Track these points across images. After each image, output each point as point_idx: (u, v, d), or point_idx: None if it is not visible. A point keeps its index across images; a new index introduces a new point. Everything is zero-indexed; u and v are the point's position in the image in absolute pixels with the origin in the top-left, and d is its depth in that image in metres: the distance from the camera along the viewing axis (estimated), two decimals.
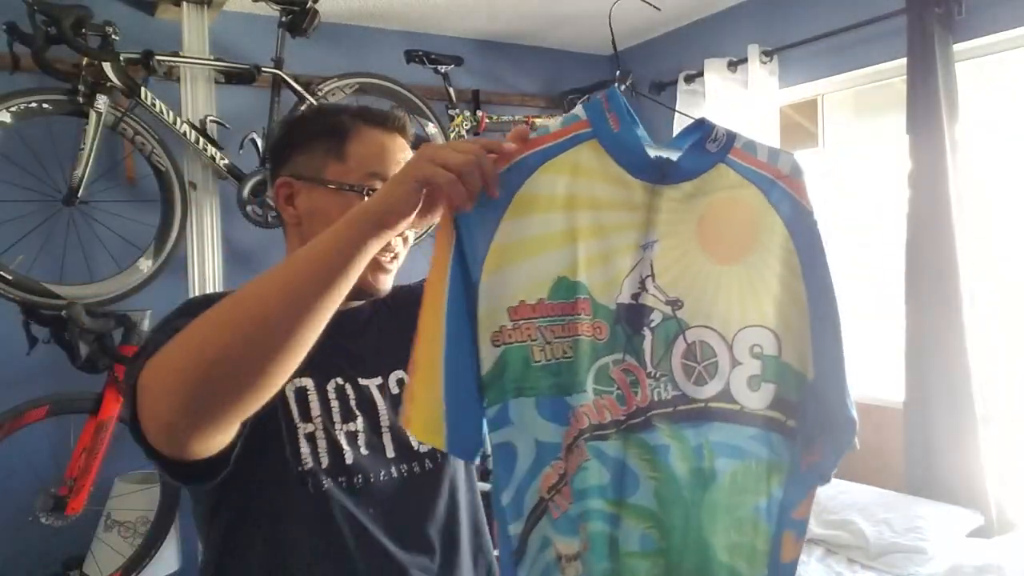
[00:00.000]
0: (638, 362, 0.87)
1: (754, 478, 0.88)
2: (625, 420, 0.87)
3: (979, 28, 2.54)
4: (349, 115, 1.06)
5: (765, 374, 0.88)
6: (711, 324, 0.87)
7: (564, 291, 0.85)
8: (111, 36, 2.43)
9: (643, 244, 0.86)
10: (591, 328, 0.86)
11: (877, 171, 3.18)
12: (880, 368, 3.04)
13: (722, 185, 0.87)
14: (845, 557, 2.41)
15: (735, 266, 0.87)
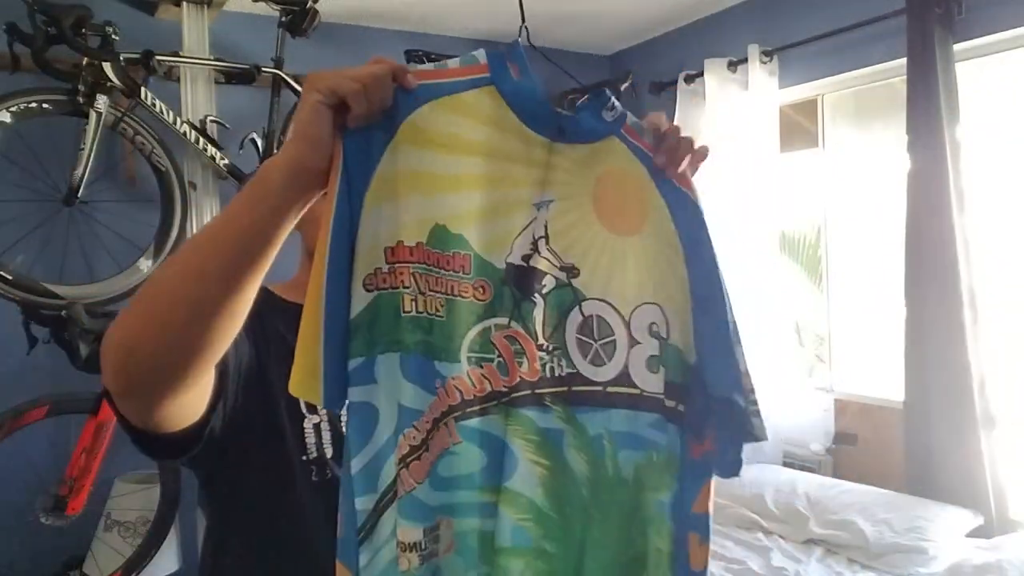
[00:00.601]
0: (527, 331, 0.79)
1: (657, 471, 0.82)
2: (508, 393, 0.78)
3: (979, 28, 2.54)
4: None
5: (663, 356, 0.82)
6: (608, 298, 0.81)
7: (440, 241, 0.76)
8: (111, 36, 2.44)
9: (537, 202, 0.80)
10: (471, 288, 0.77)
11: (877, 171, 3.18)
12: (880, 368, 3.04)
13: (615, 157, 0.82)
14: (845, 557, 2.41)
15: (630, 238, 0.82)
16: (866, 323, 3.21)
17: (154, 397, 0.76)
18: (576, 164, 0.81)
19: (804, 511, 2.60)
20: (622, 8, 3.34)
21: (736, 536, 2.59)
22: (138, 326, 0.72)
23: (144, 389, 0.75)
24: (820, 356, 3.86)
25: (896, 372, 2.73)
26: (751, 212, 3.12)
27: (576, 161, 0.81)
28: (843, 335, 3.25)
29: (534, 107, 0.80)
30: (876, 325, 3.12)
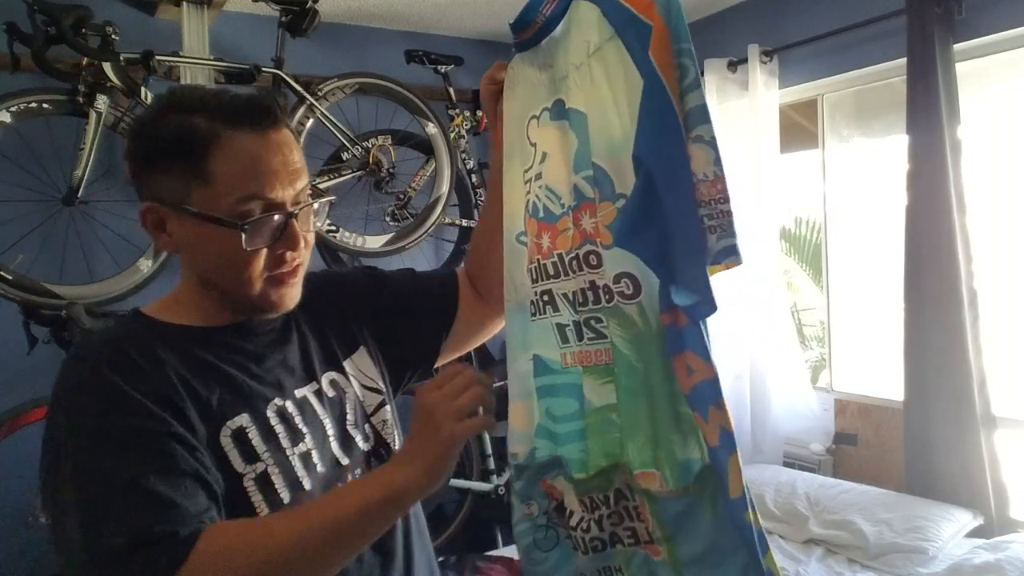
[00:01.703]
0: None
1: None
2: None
3: (979, 28, 2.54)
4: (206, 117, 0.86)
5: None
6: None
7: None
8: (111, 36, 2.43)
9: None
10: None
11: (877, 171, 3.18)
12: (880, 367, 3.04)
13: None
14: (845, 557, 2.41)
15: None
16: (866, 323, 3.21)
17: None
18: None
19: (804, 511, 2.60)
20: None
21: None
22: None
23: None
24: (821, 356, 3.86)
25: (896, 372, 2.74)
26: (751, 213, 3.12)
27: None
28: (843, 335, 3.25)
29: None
30: (876, 325, 3.12)
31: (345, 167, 2.97)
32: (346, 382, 1.02)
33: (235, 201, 0.85)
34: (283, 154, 0.88)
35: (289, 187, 0.88)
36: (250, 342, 0.94)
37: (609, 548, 0.95)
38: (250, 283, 0.89)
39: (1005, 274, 2.78)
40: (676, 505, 0.88)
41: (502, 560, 2.51)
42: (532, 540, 1.00)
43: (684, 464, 0.87)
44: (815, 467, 3.07)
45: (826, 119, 3.19)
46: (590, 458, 0.93)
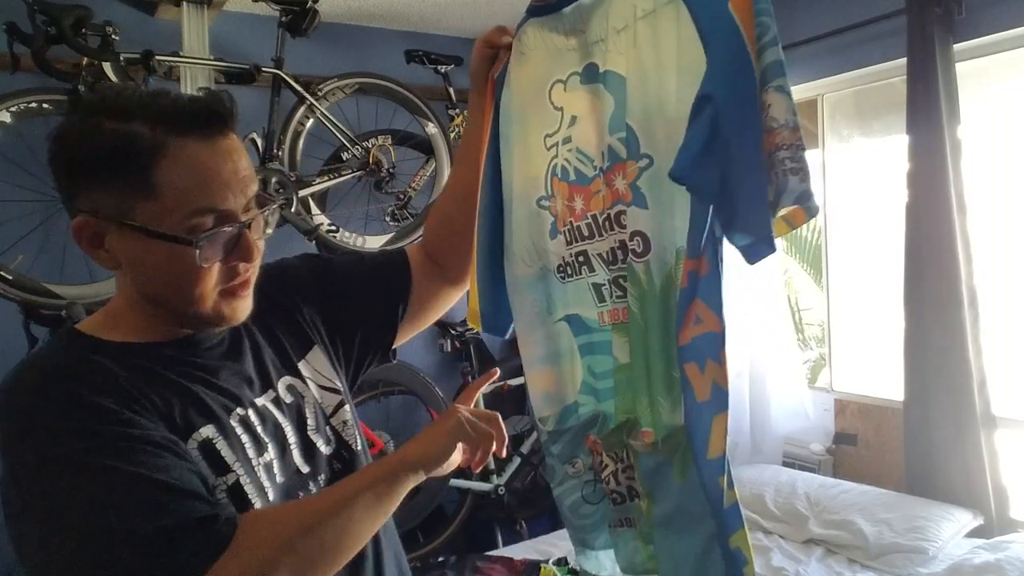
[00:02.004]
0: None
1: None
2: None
3: (979, 28, 2.54)
4: (147, 124, 0.79)
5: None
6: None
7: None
8: (111, 36, 2.43)
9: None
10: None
11: (877, 171, 3.18)
12: (880, 367, 3.04)
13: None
14: (845, 557, 2.41)
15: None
16: (866, 323, 3.21)
17: None
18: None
19: (804, 511, 2.60)
20: None
21: None
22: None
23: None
24: (821, 355, 3.86)
25: (896, 372, 2.73)
26: None
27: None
28: (843, 335, 3.25)
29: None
30: (876, 325, 3.12)
31: (345, 167, 2.97)
32: (303, 386, 0.99)
33: (186, 215, 0.80)
34: (233, 161, 0.83)
35: (241, 195, 0.83)
36: (200, 356, 0.89)
37: (628, 501, 1.00)
38: (202, 299, 0.84)
39: (1005, 274, 2.78)
40: (649, 461, 0.92)
41: (502, 560, 2.51)
42: (580, 496, 1.04)
43: (664, 425, 0.90)
44: (815, 467, 3.07)
45: (826, 119, 3.19)
46: (617, 413, 0.98)
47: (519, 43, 1.04)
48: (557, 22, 1.00)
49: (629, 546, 1.02)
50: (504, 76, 1.06)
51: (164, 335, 0.88)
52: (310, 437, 0.96)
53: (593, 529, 1.07)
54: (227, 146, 0.83)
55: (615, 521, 1.03)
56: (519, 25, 1.05)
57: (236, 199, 0.83)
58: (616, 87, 0.93)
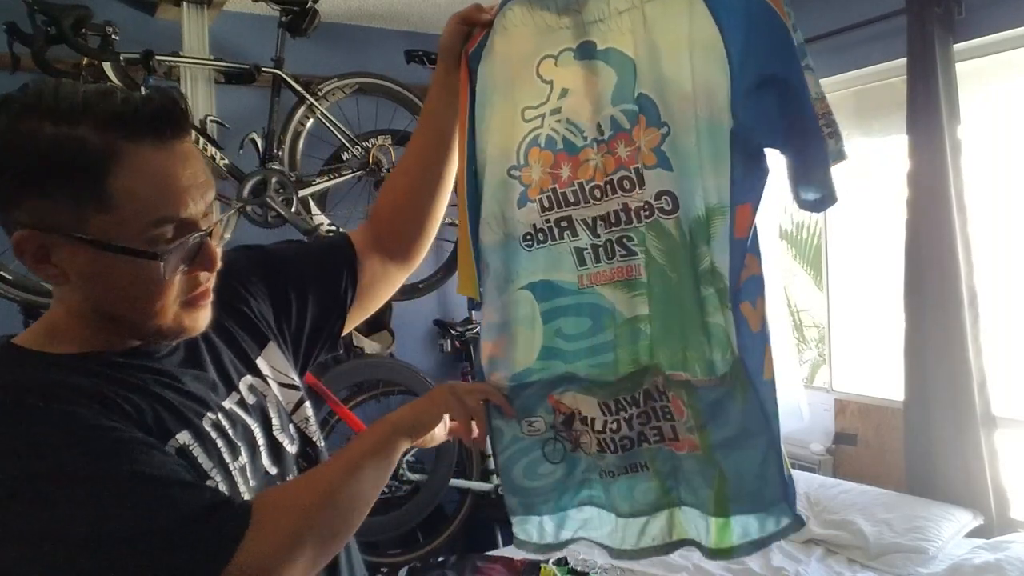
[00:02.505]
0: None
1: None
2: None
3: (979, 28, 2.54)
4: (95, 128, 0.73)
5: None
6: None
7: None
8: (111, 36, 2.43)
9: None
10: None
11: (876, 171, 3.18)
12: (880, 367, 3.04)
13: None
14: (845, 557, 2.41)
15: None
16: (866, 323, 3.21)
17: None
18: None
19: (804, 511, 2.60)
20: None
21: None
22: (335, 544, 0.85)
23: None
24: (820, 355, 3.86)
25: (896, 372, 2.74)
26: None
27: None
28: (843, 335, 3.25)
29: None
30: (876, 325, 3.12)
31: (345, 167, 2.97)
32: (264, 385, 0.96)
33: (145, 226, 0.75)
34: (192, 166, 0.78)
35: (201, 201, 0.78)
36: (159, 363, 0.85)
37: (637, 446, 1.07)
38: (163, 312, 0.79)
39: (1005, 274, 2.78)
40: (712, 394, 0.99)
41: (502, 560, 2.50)
42: (541, 453, 1.10)
43: (710, 362, 0.98)
44: (815, 467, 3.07)
45: None
46: (619, 365, 1.04)
47: (503, 19, 1.07)
48: (548, 2, 1.05)
49: (640, 488, 1.08)
50: (481, 51, 1.10)
51: (114, 345, 0.82)
52: (276, 437, 0.94)
53: (551, 490, 1.12)
54: (183, 150, 0.77)
55: (613, 470, 1.08)
56: (501, 3, 1.08)
57: (196, 206, 0.78)
58: (620, 63, 1.00)
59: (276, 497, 0.81)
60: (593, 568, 2.40)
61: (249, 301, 1.00)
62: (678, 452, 1.05)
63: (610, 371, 1.05)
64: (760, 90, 0.94)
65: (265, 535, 0.75)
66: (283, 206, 2.75)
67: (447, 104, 1.12)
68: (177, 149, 0.77)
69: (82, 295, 0.79)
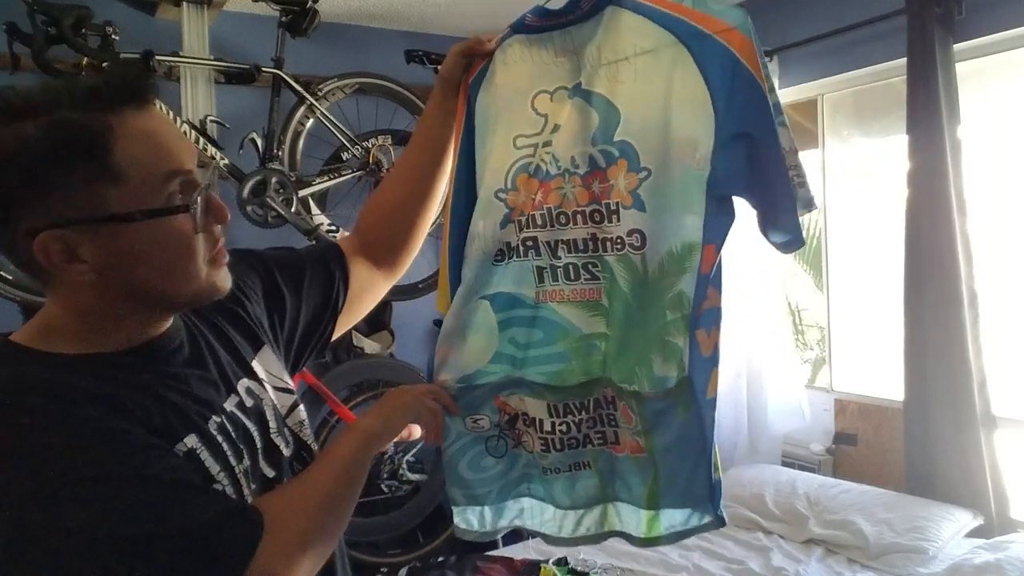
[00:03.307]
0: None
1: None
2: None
3: (979, 28, 2.54)
4: (75, 109, 0.73)
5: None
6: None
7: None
8: (111, 36, 2.43)
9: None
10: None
11: (877, 171, 3.18)
12: (880, 367, 3.04)
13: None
14: (845, 557, 2.41)
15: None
16: (866, 323, 3.21)
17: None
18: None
19: (804, 511, 2.60)
20: None
21: (736, 536, 2.60)
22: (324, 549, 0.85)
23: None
24: (821, 356, 3.86)
25: (896, 372, 2.74)
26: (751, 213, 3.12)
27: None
28: (843, 335, 3.25)
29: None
30: (876, 325, 3.12)
31: (345, 167, 2.97)
32: (260, 388, 0.96)
33: (158, 186, 0.76)
34: (172, 125, 0.81)
35: (192, 155, 0.81)
36: (164, 363, 0.84)
37: (581, 447, 1.18)
38: (196, 273, 0.81)
39: (1005, 274, 2.78)
40: (658, 404, 1.10)
41: (502, 560, 2.51)
42: (484, 448, 1.20)
43: (660, 378, 1.09)
44: (815, 467, 3.07)
45: (826, 119, 3.19)
46: (571, 374, 1.15)
47: (503, 53, 1.17)
48: (546, 42, 1.14)
49: (580, 484, 1.20)
50: (481, 80, 1.18)
51: (116, 345, 0.81)
52: (273, 440, 0.94)
53: (491, 483, 1.22)
54: (159, 112, 0.80)
55: (557, 467, 1.20)
56: (502, 38, 1.17)
57: (191, 160, 0.81)
58: (602, 107, 1.10)
59: (283, 503, 0.83)
60: (593, 568, 2.40)
61: (244, 304, 1.00)
62: (617, 455, 1.17)
63: (560, 379, 1.15)
64: (735, 144, 1.04)
65: (278, 541, 0.77)
66: (283, 206, 2.75)
67: (443, 125, 1.18)
68: (154, 111, 0.79)
69: (104, 288, 0.78)
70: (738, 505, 2.73)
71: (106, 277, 0.77)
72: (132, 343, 0.83)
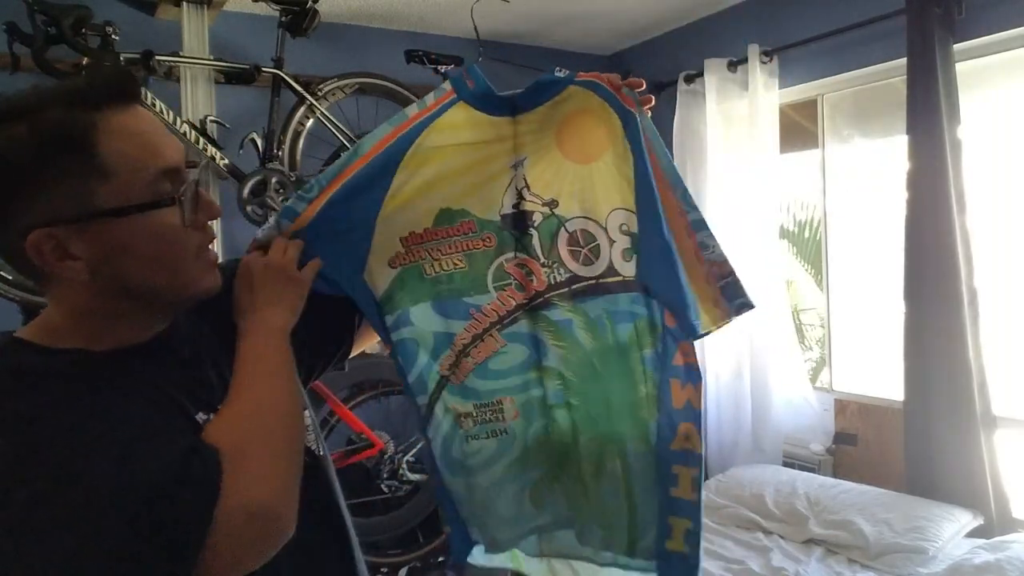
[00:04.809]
0: (530, 256, 1.12)
1: (643, 334, 1.10)
2: (528, 303, 1.12)
3: (979, 28, 2.54)
4: (61, 108, 0.75)
5: (633, 247, 1.10)
6: (586, 214, 1.10)
7: (447, 218, 1.11)
8: (111, 36, 2.43)
9: (513, 164, 1.11)
10: (480, 241, 1.12)
11: (876, 171, 3.18)
12: (880, 367, 3.04)
13: (573, 101, 1.09)
14: (845, 557, 2.41)
15: (595, 163, 1.10)
16: (866, 323, 3.21)
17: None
18: (538, 124, 1.10)
19: (804, 511, 2.60)
20: (622, 8, 3.34)
21: (736, 536, 2.60)
22: (289, 493, 0.80)
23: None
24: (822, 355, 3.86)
25: (896, 372, 2.73)
26: (751, 213, 3.12)
27: (537, 122, 1.10)
28: (843, 335, 3.25)
29: (490, 100, 1.10)
30: (876, 325, 3.12)
31: None
32: None
33: (147, 181, 0.78)
34: (156, 123, 0.81)
35: (178, 152, 0.82)
36: (157, 362, 0.84)
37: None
38: (186, 270, 0.83)
39: (1005, 274, 2.78)
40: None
41: None
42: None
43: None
44: (815, 467, 3.07)
45: (826, 119, 3.19)
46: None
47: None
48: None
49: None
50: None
51: (112, 344, 0.82)
52: None
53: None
54: (143, 111, 0.81)
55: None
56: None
57: (178, 155, 0.82)
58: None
59: (234, 428, 0.80)
60: None
61: None
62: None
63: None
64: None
65: (243, 464, 0.75)
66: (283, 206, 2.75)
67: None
68: (139, 110, 0.80)
69: (99, 288, 0.79)
70: (738, 505, 2.73)
71: (99, 274, 0.78)
72: (128, 343, 0.83)
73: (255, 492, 0.75)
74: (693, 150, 3.36)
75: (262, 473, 0.77)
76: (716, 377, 3.33)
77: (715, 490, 2.86)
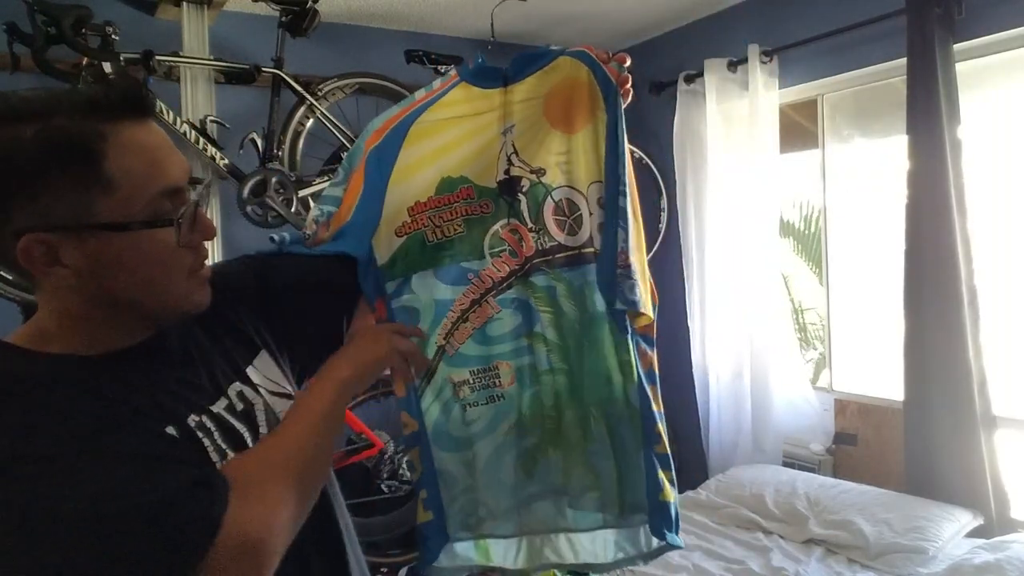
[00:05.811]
0: (520, 221, 1.16)
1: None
2: (520, 268, 1.16)
3: (979, 28, 2.54)
4: (71, 116, 0.74)
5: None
6: (571, 184, 1.14)
7: (448, 186, 1.15)
8: (111, 36, 2.43)
9: (503, 131, 1.15)
10: (479, 206, 1.16)
11: (876, 171, 3.18)
12: (880, 367, 3.04)
13: (561, 69, 1.13)
14: (845, 557, 2.41)
15: (578, 134, 1.13)
16: (866, 323, 3.21)
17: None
18: (526, 93, 1.15)
19: (804, 511, 2.60)
20: (622, 8, 3.34)
21: (736, 536, 2.60)
22: (295, 518, 0.82)
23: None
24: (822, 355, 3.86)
25: (896, 372, 2.73)
26: (751, 213, 3.12)
27: (526, 91, 1.15)
28: (843, 335, 3.25)
29: (484, 74, 1.17)
30: (876, 325, 3.12)
31: None
32: (254, 393, 0.94)
33: (149, 199, 0.77)
34: (167, 140, 0.81)
35: (184, 172, 0.82)
36: (148, 365, 0.84)
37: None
38: (176, 287, 0.83)
39: (1005, 274, 2.78)
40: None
41: None
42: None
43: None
44: (815, 467, 3.07)
45: (826, 119, 3.19)
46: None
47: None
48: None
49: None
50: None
51: (101, 348, 0.81)
52: None
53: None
54: (155, 127, 0.81)
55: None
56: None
57: (183, 175, 0.82)
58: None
59: (257, 461, 0.82)
60: None
61: (243, 312, 1.00)
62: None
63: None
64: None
65: (251, 502, 0.76)
66: (283, 206, 2.75)
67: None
68: (151, 125, 0.80)
69: (88, 294, 0.79)
70: (738, 505, 2.73)
71: (85, 283, 0.78)
72: (120, 346, 0.83)
73: (254, 529, 0.75)
74: (693, 150, 3.37)
75: (267, 512, 0.77)
76: (716, 377, 3.33)
77: (715, 490, 2.86)
